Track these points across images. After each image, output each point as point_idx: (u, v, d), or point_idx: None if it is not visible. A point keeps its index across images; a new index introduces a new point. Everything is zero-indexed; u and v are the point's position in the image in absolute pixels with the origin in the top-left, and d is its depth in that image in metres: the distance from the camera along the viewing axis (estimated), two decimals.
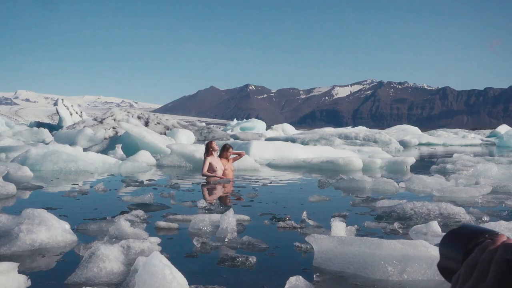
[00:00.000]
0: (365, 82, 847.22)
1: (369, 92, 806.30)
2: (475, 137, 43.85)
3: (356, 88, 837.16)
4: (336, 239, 3.96)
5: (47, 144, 17.80)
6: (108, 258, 3.71)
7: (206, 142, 12.09)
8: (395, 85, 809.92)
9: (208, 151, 10.36)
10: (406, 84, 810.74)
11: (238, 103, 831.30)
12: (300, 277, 3.26)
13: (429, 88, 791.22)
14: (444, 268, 1.06)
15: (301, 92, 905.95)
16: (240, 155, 11.07)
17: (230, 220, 4.85)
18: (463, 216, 5.97)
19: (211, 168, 10.20)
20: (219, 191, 9.00)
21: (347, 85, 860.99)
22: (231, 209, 5.09)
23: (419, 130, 47.13)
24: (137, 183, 9.69)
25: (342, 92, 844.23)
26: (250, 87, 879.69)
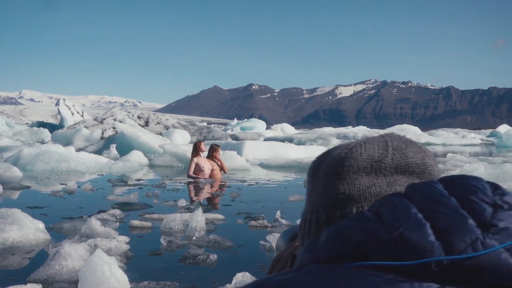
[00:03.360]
0: (369, 82, 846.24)
1: (373, 91, 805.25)
2: (475, 137, 43.75)
3: (360, 87, 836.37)
4: None
5: (45, 144, 17.95)
6: (71, 256, 3.82)
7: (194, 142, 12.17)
8: (398, 84, 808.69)
9: (196, 152, 10.46)
10: (409, 84, 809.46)
11: (242, 103, 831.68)
12: (247, 273, 3.36)
13: (432, 87, 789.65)
14: None
15: (304, 91, 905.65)
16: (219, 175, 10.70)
17: (199, 219, 4.96)
18: None
19: (198, 169, 10.29)
20: (203, 191, 9.09)
21: (351, 85, 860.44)
22: (200, 208, 5.19)
23: (419, 130, 47.15)
24: (123, 183, 9.80)
25: (345, 92, 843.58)
26: (254, 87, 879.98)
